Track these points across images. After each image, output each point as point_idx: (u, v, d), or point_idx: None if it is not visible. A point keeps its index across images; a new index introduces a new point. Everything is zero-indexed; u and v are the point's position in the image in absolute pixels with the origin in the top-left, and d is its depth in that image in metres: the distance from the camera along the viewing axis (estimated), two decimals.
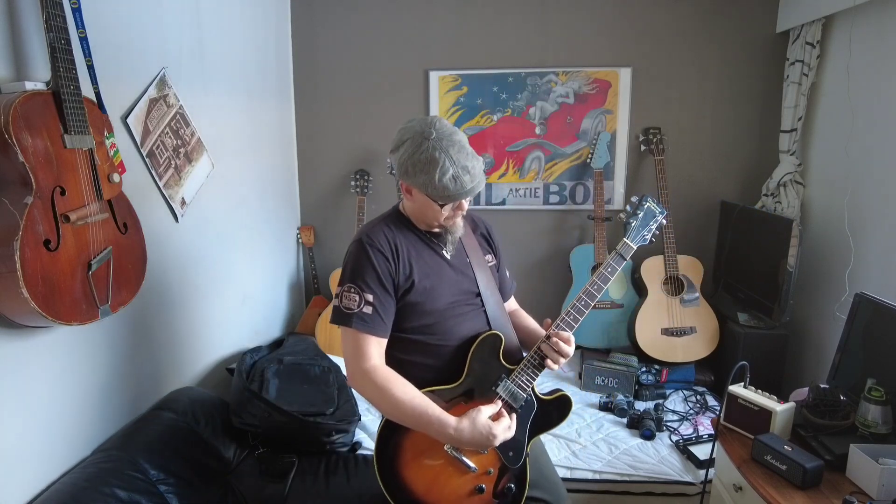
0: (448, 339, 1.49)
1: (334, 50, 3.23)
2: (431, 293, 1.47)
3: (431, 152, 1.36)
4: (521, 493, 1.50)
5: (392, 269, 1.43)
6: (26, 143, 1.33)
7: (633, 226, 1.62)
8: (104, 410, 1.81)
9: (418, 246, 1.50)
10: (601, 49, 3.07)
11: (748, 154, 3.06)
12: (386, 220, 1.52)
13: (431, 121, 1.41)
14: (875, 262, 2.23)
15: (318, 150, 3.35)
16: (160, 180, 2.06)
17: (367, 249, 1.42)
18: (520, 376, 1.48)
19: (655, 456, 2.26)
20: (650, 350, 2.83)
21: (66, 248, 1.43)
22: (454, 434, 1.36)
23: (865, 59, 2.33)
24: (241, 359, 2.39)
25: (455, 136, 1.40)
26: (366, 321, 1.40)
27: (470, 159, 1.39)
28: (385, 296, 1.42)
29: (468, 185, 1.39)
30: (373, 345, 1.41)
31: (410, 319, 1.47)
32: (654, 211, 1.65)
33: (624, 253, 1.58)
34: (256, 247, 2.87)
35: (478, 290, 1.55)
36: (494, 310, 1.57)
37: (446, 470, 1.44)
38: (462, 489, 1.44)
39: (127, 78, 1.89)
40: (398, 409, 1.38)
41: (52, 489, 1.54)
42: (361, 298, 1.40)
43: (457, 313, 1.50)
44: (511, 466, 1.48)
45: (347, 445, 2.25)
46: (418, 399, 1.38)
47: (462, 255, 1.57)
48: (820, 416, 1.74)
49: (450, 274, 1.52)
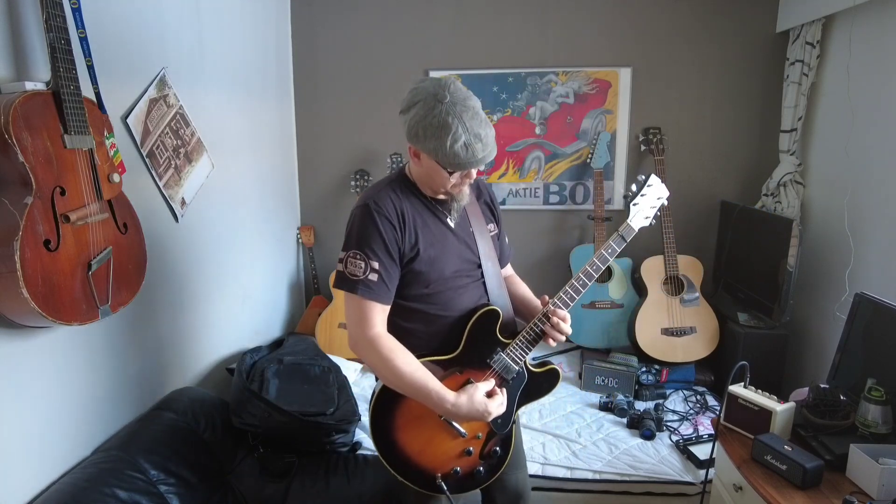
0: (447, 310, 1.49)
1: (334, 50, 3.23)
2: (436, 262, 1.45)
3: (444, 117, 1.31)
4: (506, 455, 1.57)
5: (398, 237, 1.41)
6: (26, 143, 1.33)
7: (637, 206, 1.57)
8: (104, 410, 1.81)
9: (423, 213, 1.47)
10: (601, 49, 3.07)
11: (748, 154, 3.07)
12: (392, 185, 1.48)
13: (446, 83, 1.34)
14: (875, 262, 2.23)
15: (318, 150, 3.35)
16: (160, 180, 2.06)
17: (374, 216, 1.39)
18: (514, 350, 1.51)
19: (655, 456, 2.26)
20: (650, 350, 2.83)
21: (66, 248, 1.43)
22: (451, 409, 1.40)
23: (865, 59, 2.33)
24: (241, 359, 2.39)
25: (469, 100, 1.34)
26: (371, 288, 1.39)
27: (483, 127, 1.34)
28: (390, 263, 1.41)
29: (479, 153, 1.34)
30: (377, 312, 1.41)
31: (412, 287, 1.46)
32: (659, 189, 1.60)
33: (625, 235, 1.55)
34: (256, 247, 2.87)
35: (478, 261, 1.54)
36: (493, 282, 1.57)
37: (439, 434, 1.49)
38: (452, 451, 1.50)
39: (127, 78, 1.89)
40: (399, 378, 1.39)
41: (52, 489, 1.54)
42: (367, 265, 1.38)
43: (458, 285, 1.51)
44: (499, 432, 1.53)
45: (347, 445, 2.25)
46: (419, 372, 1.40)
47: (465, 223, 1.55)
48: (820, 416, 1.74)
49: (453, 243, 1.50)
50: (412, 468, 1.48)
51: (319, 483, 2.04)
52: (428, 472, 1.49)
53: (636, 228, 1.57)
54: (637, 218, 1.57)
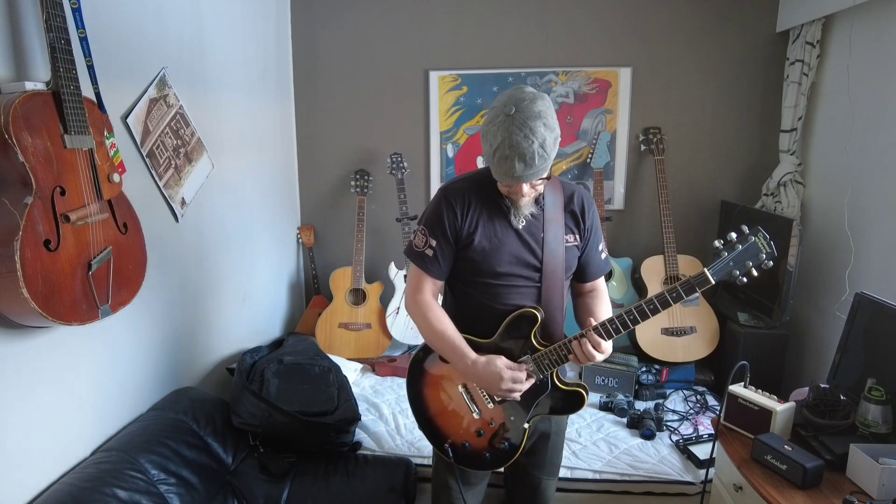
0: (495, 302, 1.55)
1: (334, 50, 3.23)
2: (489, 255, 1.52)
3: (498, 127, 1.38)
4: (513, 453, 1.60)
5: (458, 224, 1.53)
6: (26, 143, 1.33)
7: (723, 257, 1.38)
8: (104, 410, 1.81)
9: (492, 209, 1.54)
10: (601, 49, 3.07)
11: (748, 154, 3.07)
12: (473, 177, 1.59)
13: (524, 96, 1.39)
14: (875, 262, 2.23)
15: (318, 150, 3.35)
16: (160, 180, 2.06)
17: (442, 200, 1.55)
18: (543, 358, 1.52)
19: (655, 456, 2.25)
20: (650, 350, 2.83)
21: (66, 248, 1.43)
22: (469, 366, 1.50)
23: (865, 59, 2.33)
24: (241, 359, 2.39)
25: (533, 121, 1.35)
26: (425, 261, 1.56)
27: (533, 147, 1.35)
28: (446, 244, 1.54)
29: (516, 171, 1.37)
30: (427, 281, 1.58)
31: (467, 272, 1.57)
32: (758, 249, 1.38)
33: (698, 284, 1.39)
34: (256, 247, 2.87)
35: (539, 266, 1.55)
36: (551, 289, 1.56)
37: (455, 404, 1.62)
38: (465, 426, 1.61)
39: (127, 78, 1.89)
40: (433, 332, 1.55)
41: (52, 489, 1.54)
42: (427, 241, 1.55)
43: (510, 283, 1.55)
44: (510, 428, 1.58)
45: (347, 445, 2.25)
46: (451, 330, 1.54)
47: (537, 228, 1.55)
48: (820, 415, 1.74)
49: (513, 243, 1.54)
50: (428, 423, 1.66)
51: (319, 483, 2.04)
52: (440, 434, 1.64)
53: (713, 281, 1.38)
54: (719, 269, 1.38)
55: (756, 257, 1.39)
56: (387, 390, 2.77)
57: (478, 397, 1.59)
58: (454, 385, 1.61)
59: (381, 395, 2.72)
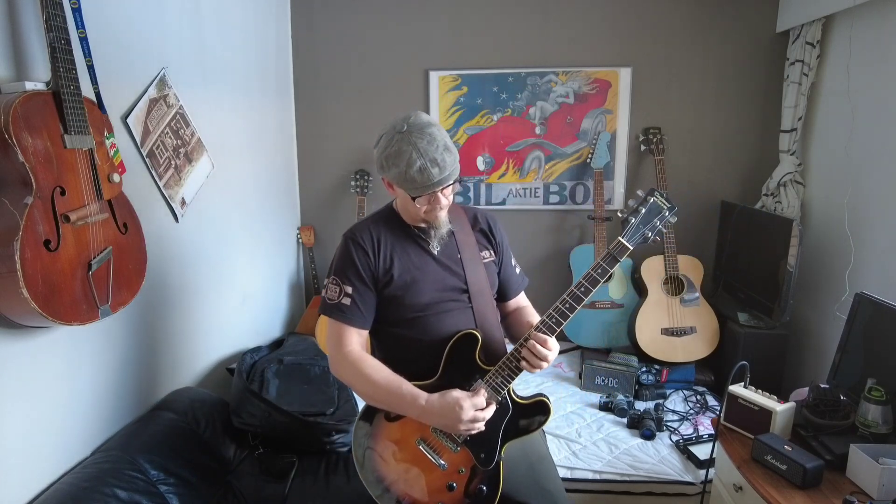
0: (428, 335, 1.50)
1: (334, 50, 3.23)
2: (412, 287, 1.49)
3: (400, 144, 1.39)
4: (494, 494, 1.48)
5: (372, 263, 1.49)
6: (26, 143, 1.33)
7: (631, 223, 1.45)
8: (104, 410, 1.81)
9: (404, 241, 1.53)
10: (601, 49, 3.07)
11: (748, 154, 3.07)
12: (375, 217, 1.58)
13: (408, 115, 1.43)
14: (875, 262, 2.24)
15: (318, 150, 3.35)
16: (160, 180, 2.06)
17: (349, 245, 1.51)
18: (495, 378, 1.45)
19: (655, 456, 2.26)
20: (650, 350, 2.83)
21: (66, 248, 1.43)
22: (425, 406, 1.41)
23: (865, 59, 2.33)
24: (241, 359, 2.39)
25: (428, 128, 1.41)
26: (343, 312, 1.48)
27: (440, 151, 1.39)
28: (364, 289, 1.49)
29: (436, 177, 1.39)
30: (351, 334, 1.49)
31: (392, 312, 1.52)
32: (659, 206, 1.46)
33: (617, 254, 1.43)
34: (256, 247, 2.87)
35: (465, 287, 1.54)
36: (482, 308, 1.56)
37: (418, 463, 1.49)
38: (433, 485, 1.48)
39: (127, 78, 1.89)
40: (373, 385, 1.45)
41: (52, 489, 1.54)
42: (341, 290, 1.49)
43: (440, 310, 1.51)
44: (483, 468, 1.48)
45: (347, 445, 2.25)
46: (392, 377, 1.45)
47: (453, 250, 1.55)
48: (820, 416, 1.74)
49: (434, 269, 1.52)
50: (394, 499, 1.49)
51: (319, 483, 2.04)
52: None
53: (631, 246, 1.44)
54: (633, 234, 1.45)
55: (661, 214, 1.46)
56: None
57: (439, 447, 1.48)
58: (410, 444, 1.49)
59: None
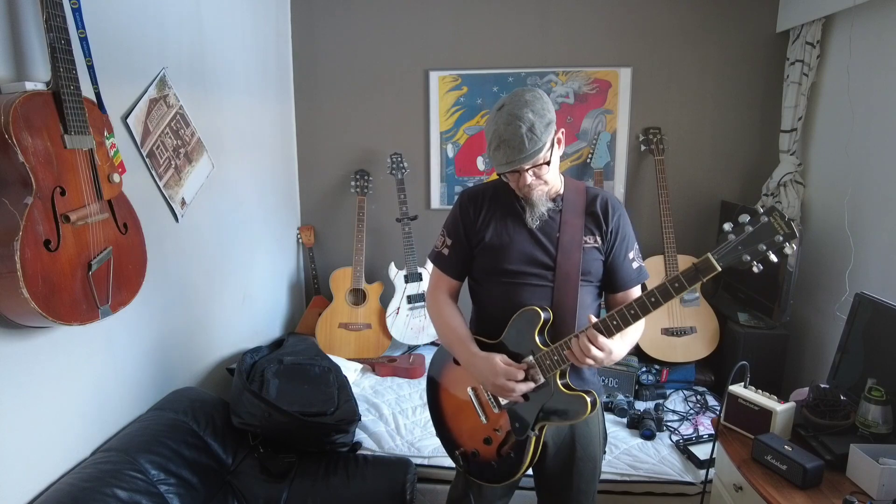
0: (505, 301, 1.55)
1: (334, 50, 3.23)
2: (500, 252, 1.56)
3: (490, 121, 1.46)
4: (519, 464, 1.55)
5: (470, 223, 1.61)
6: (26, 144, 1.33)
7: (729, 241, 1.23)
8: (104, 411, 1.81)
9: (507, 209, 1.58)
10: (601, 49, 3.07)
11: (748, 154, 3.06)
12: (492, 182, 1.66)
13: (515, 93, 1.46)
14: (875, 262, 2.23)
15: (318, 150, 3.35)
16: (160, 180, 2.06)
17: (458, 202, 1.65)
18: (544, 359, 1.47)
19: (655, 456, 2.25)
20: (650, 350, 2.83)
21: (66, 248, 1.43)
22: (471, 358, 1.54)
23: (865, 59, 2.33)
24: (241, 359, 2.39)
25: (519, 109, 1.41)
26: (441, 261, 1.65)
27: (518, 133, 1.39)
28: (460, 244, 1.62)
29: (505, 157, 1.43)
30: (444, 281, 1.67)
31: (482, 271, 1.62)
32: (773, 230, 1.20)
33: (702, 272, 1.26)
34: (256, 247, 2.87)
35: (552, 265, 1.53)
36: (563, 289, 1.52)
37: (465, 409, 1.64)
38: (474, 433, 1.63)
39: (127, 78, 1.89)
40: (444, 326, 1.63)
41: (52, 489, 1.54)
42: (444, 242, 1.65)
43: (522, 281, 1.54)
44: (515, 436, 1.55)
45: (347, 445, 2.25)
46: (461, 326, 1.61)
47: (552, 228, 1.54)
48: (820, 416, 1.74)
49: (525, 241, 1.55)
50: (442, 429, 1.72)
51: (319, 483, 2.04)
52: (453, 441, 1.68)
53: (719, 267, 1.24)
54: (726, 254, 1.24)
55: (771, 240, 1.20)
56: (387, 390, 2.77)
57: (485, 402, 1.58)
58: (464, 388, 1.62)
59: (381, 395, 2.72)
